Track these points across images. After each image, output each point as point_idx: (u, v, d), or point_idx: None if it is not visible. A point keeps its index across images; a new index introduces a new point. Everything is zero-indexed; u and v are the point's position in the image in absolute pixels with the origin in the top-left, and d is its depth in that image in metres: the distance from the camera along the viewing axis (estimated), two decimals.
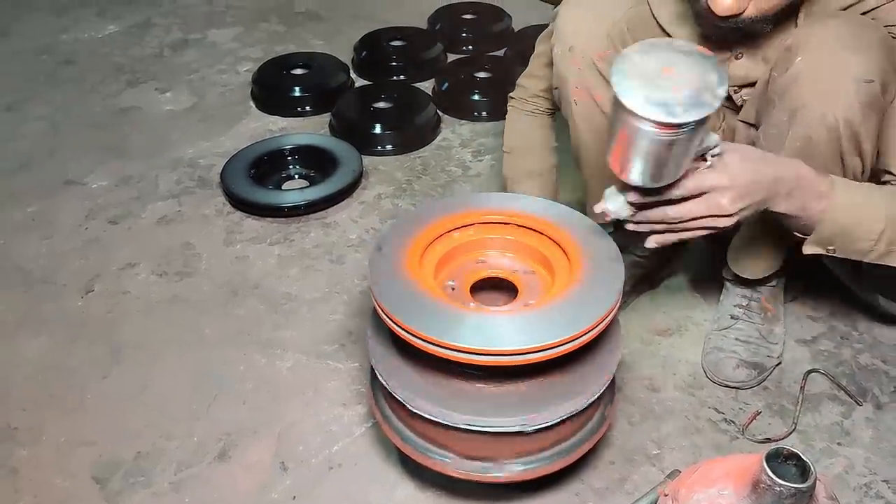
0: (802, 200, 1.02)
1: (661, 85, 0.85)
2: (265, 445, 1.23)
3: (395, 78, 2.34)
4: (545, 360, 0.94)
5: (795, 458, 0.78)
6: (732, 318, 1.38)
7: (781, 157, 1.05)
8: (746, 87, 1.23)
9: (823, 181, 1.02)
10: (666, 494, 0.91)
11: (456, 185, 1.88)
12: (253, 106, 2.24)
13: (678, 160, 0.91)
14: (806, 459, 0.77)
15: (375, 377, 1.09)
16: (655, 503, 1.01)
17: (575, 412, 1.00)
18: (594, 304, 0.98)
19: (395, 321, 0.97)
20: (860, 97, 1.03)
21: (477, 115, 2.14)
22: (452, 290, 1.07)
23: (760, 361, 1.33)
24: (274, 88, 2.24)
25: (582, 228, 1.11)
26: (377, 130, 2.01)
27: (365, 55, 2.41)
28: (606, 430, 1.12)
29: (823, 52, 1.04)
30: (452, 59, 2.43)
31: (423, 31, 2.56)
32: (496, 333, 0.94)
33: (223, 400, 1.31)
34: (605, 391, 1.05)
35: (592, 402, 1.02)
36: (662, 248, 1.07)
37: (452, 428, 0.99)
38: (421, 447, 1.05)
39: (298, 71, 2.31)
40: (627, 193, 0.99)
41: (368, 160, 1.94)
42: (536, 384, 1.01)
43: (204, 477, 1.19)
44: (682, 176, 0.95)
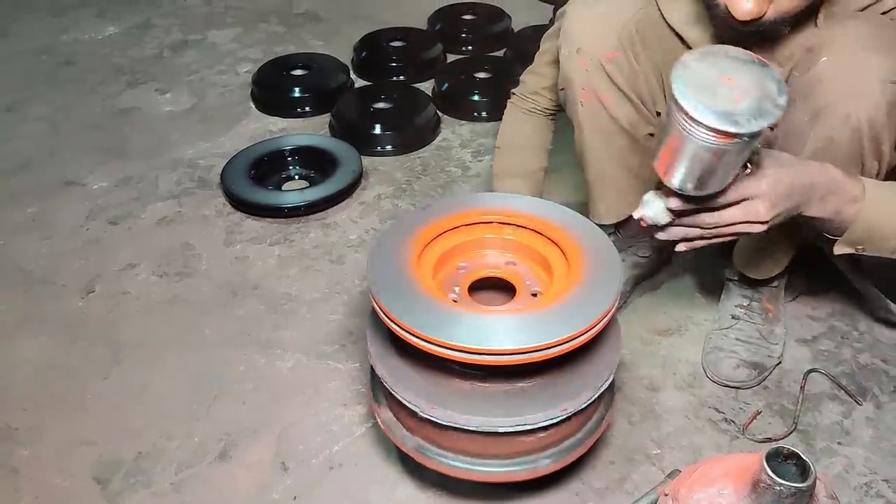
0: (836, 205, 1.01)
1: (722, 94, 0.85)
2: (265, 445, 1.23)
3: (394, 78, 2.35)
4: (543, 359, 0.94)
5: (795, 457, 0.78)
6: (733, 317, 1.38)
7: (814, 161, 1.04)
8: None
9: (856, 185, 1.01)
10: (666, 494, 0.91)
11: (456, 185, 1.88)
12: (253, 107, 2.24)
13: (728, 169, 0.91)
14: (806, 459, 0.77)
15: (375, 376, 1.09)
16: (655, 503, 1.00)
17: (574, 412, 1.01)
18: (592, 304, 0.98)
19: (392, 319, 0.97)
20: (886, 97, 1.02)
21: (476, 115, 2.15)
22: (455, 302, 1.07)
23: (760, 361, 1.33)
24: (274, 89, 2.24)
25: (581, 229, 1.11)
26: (377, 131, 2.01)
27: (365, 56, 2.42)
28: (606, 429, 1.12)
29: (848, 52, 1.04)
30: (452, 59, 2.44)
31: (422, 31, 2.57)
32: (493, 333, 0.94)
33: (223, 400, 1.31)
34: (604, 391, 1.05)
35: (592, 401, 1.02)
36: (662, 248, 1.06)
37: (452, 427, 0.99)
38: (421, 446, 1.05)
39: (298, 72, 2.31)
40: (668, 200, 0.98)
41: (368, 161, 1.94)
42: (535, 384, 1.01)
43: (204, 477, 1.19)
44: (727, 184, 0.95)
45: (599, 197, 1.40)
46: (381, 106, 2.11)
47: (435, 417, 0.99)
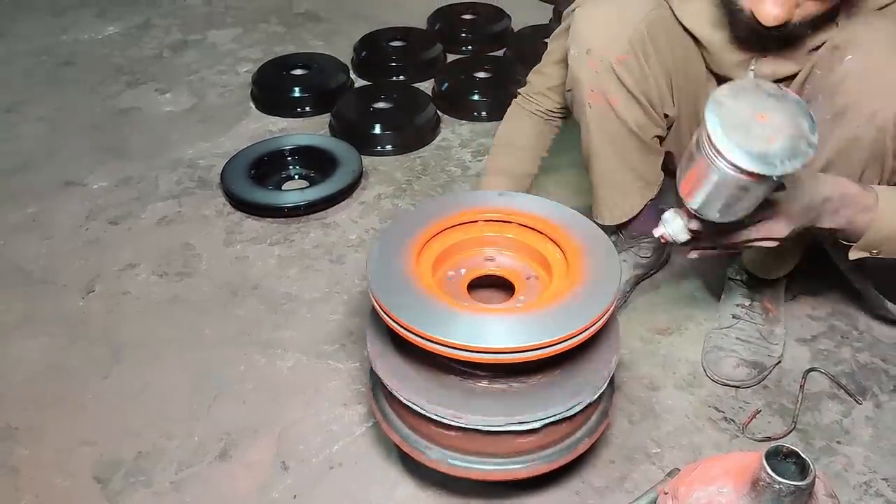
0: (848, 216, 1.02)
1: (756, 134, 0.85)
2: (266, 445, 1.23)
3: (394, 78, 2.35)
4: (542, 358, 0.94)
5: (795, 455, 0.78)
6: (734, 317, 1.38)
7: (826, 175, 1.05)
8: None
9: (869, 195, 1.01)
10: (666, 492, 0.91)
11: (455, 184, 1.88)
12: (253, 106, 2.24)
13: (754, 201, 0.92)
14: (805, 457, 0.77)
15: (375, 376, 1.09)
16: (655, 501, 1.01)
17: (574, 411, 1.01)
18: (591, 303, 0.98)
19: (391, 317, 0.97)
20: None
21: (476, 115, 2.15)
22: (450, 278, 1.06)
23: (760, 360, 1.33)
24: (274, 89, 2.24)
25: (581, 228, 1.11)
26: (377, 131, 2.01)
27: (365, 55, 2.42)
28: (606, 428, 1.12)
29: (874, 50, 1.04)
30: (452, 59, 2.44)
31: (422, 31, 2.57)
32: (492, 331, 0.94)
33: (223, 400, 1.32)
34: (604, 390, 1.05)
35: (592, 400, 1.03)
36: (663, 248, 1.07)
37: (452, 426, 0.99)
38: (420, 445, 1.06)
39: (298, 71, 2.31)
40: (689, 221, 0.99)
41: (368, 160, 1.94)
42: (535, 382, 1.01)
43: (204, 476, 1.19)
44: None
45: (604, 198, 1.40)
46: (381, 106, 2.11)
47: (434, 415, 0.99)
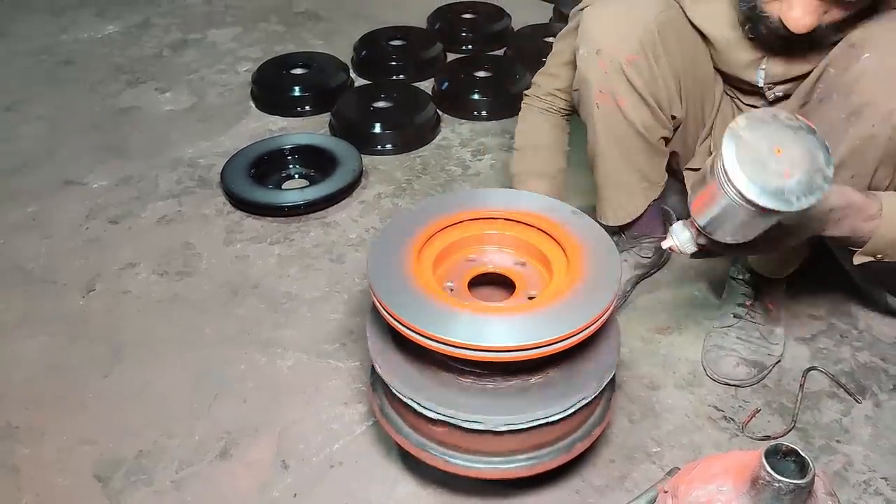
0: (852, 225, 1.02)
1: (773, 169, 0.85)
2: (266, 444, 1.23)
3: (394, 77, 2.35)
4: (541, 356, 0.94)
5: (794, 454, 0.78)
6: (735, 316, 1.38)
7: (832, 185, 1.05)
8: (780, 83, 1.23)
9: (873, 203, 1.01)
10: (665, 491, 0.91)
11: (455, 184, 1.88)
12: (253, 106, 2.24)
13: (767, 227, 0.92)
14: (805, 456, 0.77)
15: (376, 374, 1.09)
16: (655, 500, 1.01)
17: (574, 410, 1.01)
18: (591, 302, 0.98)
19: (392, 316, 0.97)
20: None
21: (476, 114, 2.15)
22: (451, 290, 1.07)
23: (760, 360, 1.33)
24: (274, 88, 2.24)
25: (582, 227, 1.11)
26: (377, 130, 2.01)
27: (365, 55, 2.42)
28: (606, 427, 1.12)
29: (892, 49, 1.03)
30: (452, 58, 2.44)
31: (422, 30, 2.57)
32: (492, 330, 0.94)
33: (224, 399, 1.32)
34: (604, 389, 1.05)
35: (592, 399, 1.03)
36: (664, 249, 1.07)
37: (452, 425, 0.99)
38: (421, 444, 1.06)
39: (298, 71, 2.31)
40: (698, 236, 1.00)
41: (368, 160, 1.94)
42: (535, 381, 1.01)
43: (205, 475, 1.19)
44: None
45: (608, 199, 1.40)
46: (381, 105, 2.11)
47: (434, 414, 0.99)
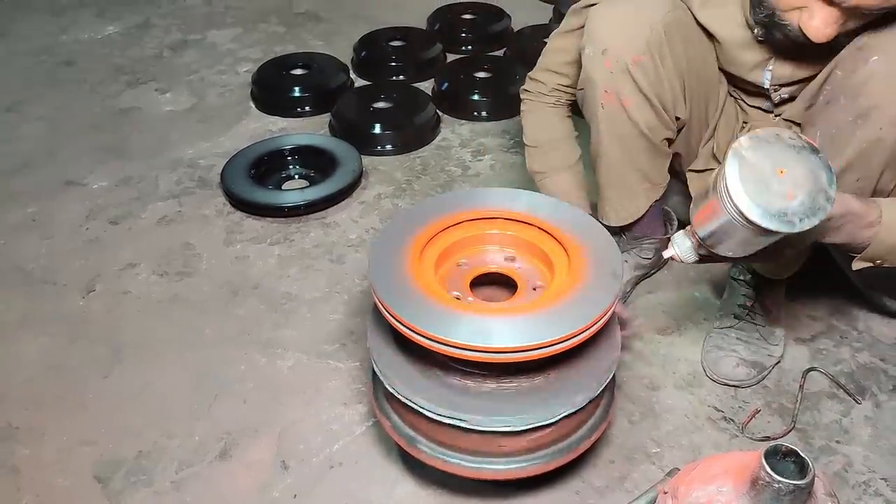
0: (851, 232, 1.01)
1: (776, 190, 0.85)
2: (266, 444, 1.23)
3: (394, 78, 2.35)
4: (542, 357, 0.94)
5: (794, 455, 0.78)
6: (735, 317, 1.38)
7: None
8: (786, 85, 1.24)
9: (872, 211, 1.01)
10: (665, 492, 0.91)
11: (455, 184, 1.88)
12: (252, 106, 2.24)
13: (768, 244, 0.93)
14: (804, 456, 0.77)
15: (376, 375, 1.09)
16: (655, 501, 1.01)
17: (574, 410, 1.01)
18: (592, 303, 0.98)
19: (394, 316, 0.97)
20: None
21: (476, 114, 2.15)
22: (459, 265, 1.06)
23: (760, 360, 1.33)
24: (273, 89, 2.24)
25: (584, 227, 1.11)
26: (377, 130, 2.01)
27: (364, 55, 2.42)
28: (606, 428, 1.12)
29: None
30: (452, 59, 2.44)
31: (422, 31, 2.57)
32: (493, 330, 0.94)
33: (224, 399, 1.32)
34: (604, 389, 1.05)
35: (592, 400, 1.03)
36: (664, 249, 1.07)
37: (452, 425, 0.99)
38: (420, 444, 1.06)
39: (298, 71, 2.31)
40: (698, 247, 1.00)
41: (368, 160, 1.94)
42: (536, 381, 1.01)
43: (205, 476, 1.19)
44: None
45: (610, 199, 1.40)
46: (380, 105, 2.11)
47: (434, 415, 0.99)
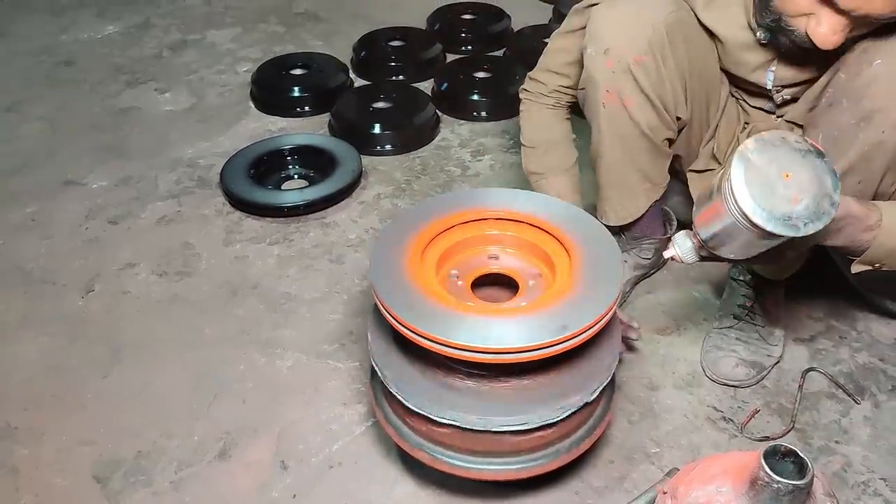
0: (851, 235, 1.02)
1: (781, 194, 0.86)
2: (265, 444, 1.23)
3: (394, 78, 2.35)
4: (542, 358, 0.94)
5: (793, 455, 0.78)
6: (735, 317, 1.38)
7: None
8: (788, 86, 1.24)
9: (872, 214, 1.01)
10: (665, 492, 0.91)
11: (455, 184, 1.88)
12: (252, 106, 2.24)
13: (769, 247, 0.93)
14: (803, 456, 0.77)
15: (376, 375, 1.09)
16: (654, 501, 1.01)
17: (574, 410, 1.01)
18: (592, 303, 0.98)
19: (395, 317, 0.97)
20: None
21: (476, 115, 2.15)
22: (455, 277, 1.06)
23: (759, 360, 1.33)
24: (273, 89, 2.24)
25: (584, 227, 1.11)
26: (376, 130, 2.01)
27: (364, 55, 2.42)
28: (606, 428, 1.12)
29: None
30: (451, 59, 2.44)
31: (422, 31, 2.57)
32: (494, 331, 0.94)
33: (223, 399, 1.32)
34: (604, 389, 1.05)
35: (591, 400, 1.03)
36: (663, 249, 1.07)
37: (452, 426, 0.99)
38: (421, 444, 1.06)
39: (297, 71, 2.31)
40: (699, 248, 1.00)
41: (368, 160, 1.94)
42: (536, 382, 1.01)
43: (204, 476, 1.19)
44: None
45: (610, 199, 1.40)
46: (380, 105, 2.11)
47: (434, 415, 0.99)
